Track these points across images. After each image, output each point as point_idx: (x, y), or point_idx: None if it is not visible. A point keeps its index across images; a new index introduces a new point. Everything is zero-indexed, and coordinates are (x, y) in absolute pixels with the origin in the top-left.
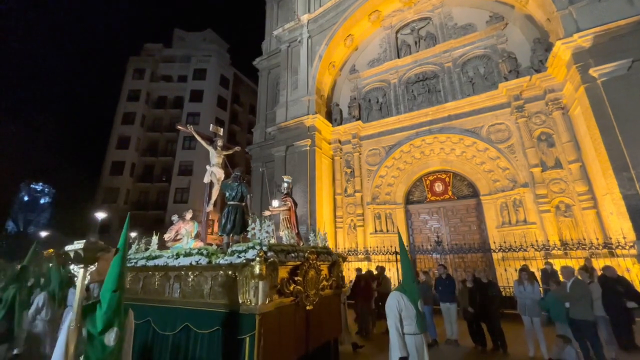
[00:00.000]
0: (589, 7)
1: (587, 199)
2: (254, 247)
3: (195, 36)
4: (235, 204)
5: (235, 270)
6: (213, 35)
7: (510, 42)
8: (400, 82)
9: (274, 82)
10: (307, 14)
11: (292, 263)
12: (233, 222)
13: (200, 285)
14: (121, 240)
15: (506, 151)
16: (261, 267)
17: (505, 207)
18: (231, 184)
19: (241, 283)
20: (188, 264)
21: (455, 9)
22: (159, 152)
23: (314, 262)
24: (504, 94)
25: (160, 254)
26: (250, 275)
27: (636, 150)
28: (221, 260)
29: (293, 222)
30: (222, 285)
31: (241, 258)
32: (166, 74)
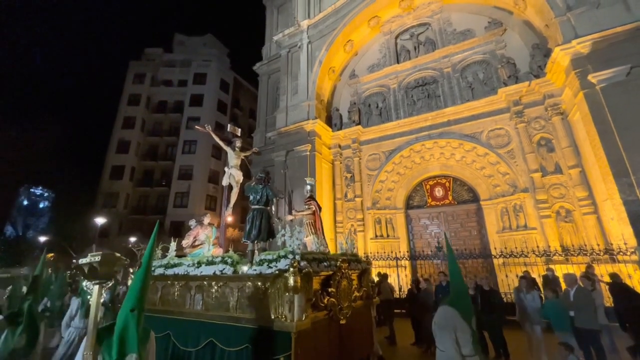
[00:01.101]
0: (587, 14)
1: (587, 205)
2: (286, 256)
3: (195, 41)
4: (260, 207)
5: (266, 281)
6: (213, 40)
7: (509, 47)
8: (399, 87)
9: (274, 87)
10: (307, 20)
11: (324, 273)
12: (259, 227)
13: (225, 297)
14: (147, 252)
15: (506, 156)
16: (296, 279)
17: (505, 212)
18: (255, 186)
19: (273, 296)
20: (211, 274)
21: (454, 15)
22: (159, 157)
23: (346, 271)
24: (503, 99)
25: (180, 262)
26: (284, 288)
27: (636, 155)
28: (249, 269)
29: (318, 226)
30: (250, 298)
31: (272, 268)
32: (166, 78)
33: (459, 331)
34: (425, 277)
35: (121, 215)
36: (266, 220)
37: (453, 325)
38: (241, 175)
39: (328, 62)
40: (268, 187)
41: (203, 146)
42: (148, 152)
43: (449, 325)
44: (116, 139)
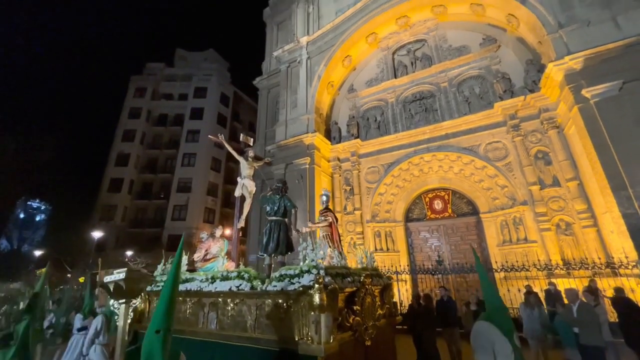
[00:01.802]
0: (579, 31)
1: (586, 217)
2: (309, 270)
3: (196, 56)
4: (277, 219)
5: (288, 299)
6: (214, 55)
7: (504, 63)
8: (397, 101)
9: (274, 101)
10: (306, 36)
11: (348, 289)
12: (277, 240)
13: (242, 315)
14: (172, 267)
15: (504, 169)
16: (322, 296)
17: (505, 225)
18: (271, 196)
19: (296, 315)
20: (227, 290)
21: (450, 32)
22: (158, 169)
23: (370, 287)
24: (500, 113)
25: (192, 277)
26: (309, 306)
27: (633, 169)
28: (268, 286)
29: (335, 238)
30: (270, 317)
31: (295, 284)
32: (167, 92)
33: (497, 348)
34: (426, 291)
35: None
36: (284, 233)
37: (491, 342)
38: (254, 185)
39: (327, 76)
40: (285, 197)
41: (202, 159)
42: (147, 165)
43: (486, 343)
44: (116, 151)
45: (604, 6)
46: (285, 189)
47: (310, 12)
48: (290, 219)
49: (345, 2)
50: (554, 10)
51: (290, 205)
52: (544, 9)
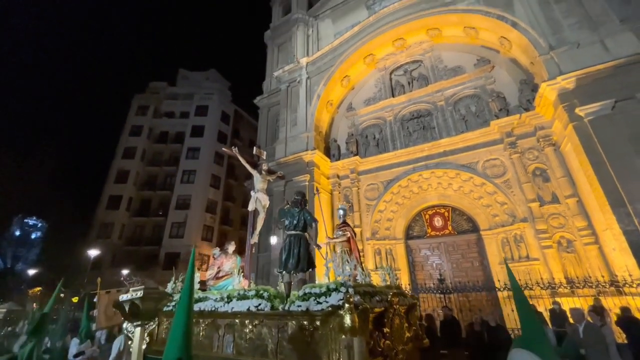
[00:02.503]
0: (569, 53)
1: (587, 234)
2: (337, 289)
3: (198, 75)
4: (297, 233)
5: (314, 320)
6: (216, 74)
7: (498, 82)
8: (395, 120)
9: (274, 119)
10: (305, 57)
11: (377, 309)
12: (297, 256)
13: (261, 338)
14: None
15: (503, 186)
16: (353, 317)
17: (506, 242)
18: (290, 209)
19: (324, 339)
20: (245, 310)
21: (445, 53)
22: (157, 186)
23: (397, 307)
24: (496, 130)
25: (206, 296)
26: (339, 329)
27: (631, 186)
28: (291, 306)
29: (356, 255)
30: (294, 340)
31: (322, 304)
32: (169, 110)
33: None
34: (429, 311)
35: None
36: (305, 248)
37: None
38: (268, 199)
39: (326, 96)
40: (305, 210)
41: (202, 176)
42: (147, 182)
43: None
44: (116, 168)
45: (591, 29)
46: (304, 202)
47: (310, 34)
48: (311, 233)
49: (343, 25)
50: (544, 33)
51: (310, 219)
52: (535, 32)
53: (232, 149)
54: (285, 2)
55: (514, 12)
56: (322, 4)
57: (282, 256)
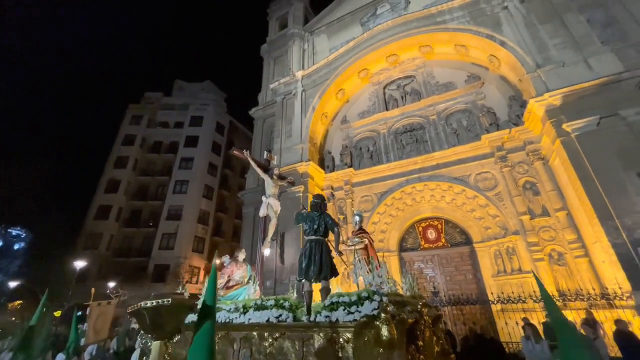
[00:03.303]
0: (555, 71)
1: (578, 247)
2: (369, 297)
3: (194, 86)
4: (318, 239)
5: (345, 332)
6: (212, 86)
7: (488, 98)
8: (389, 133)
9: (269, 131)
10: (301, 71)
11: (410, 320)
12: (319, 263)
13: (283, 353)
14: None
15: (494, 199)
16: (390, 329)
17: (499, 255)
18: (310, 213)
19: (358, 353)
20: (264, 322)
21: (436, 69)
22: (149, 196)
23: (427, 318)
24: (487, 144)
25: (218, 307)
26: (374, 342)
27: (618, 199)
28: (317, 316)
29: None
30: (321, 355)
31: (354, 314)
32: (164, 120)
33: None
34: None
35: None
36: (327, 254)
37: None
38: (279, 205)
39: (321, 108)
40: (326, 214)
41: (195, 186)
42: (138, 192)
43: None
44: (107, 178)
45: (575, 49)
46: (324, 205)
47: (306, 48)
48: (336, 238)
49: (338, 40)
50: (531, 52)
51: (332, 224)
52: (522, 51)
53: (244, 152)
54: (282, 17)
55: (502, 31)
56: (318, 20)
57: (301, 263)
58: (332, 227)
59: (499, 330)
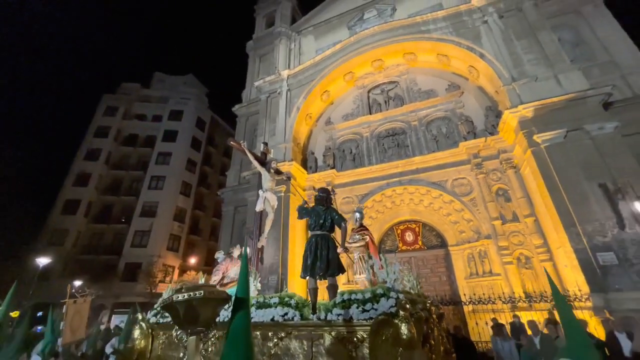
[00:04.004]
0: (528, 85)
1: (543, 252)
2: (385, 294)
3: (175, 79)
4: (323, 234)
5: (359, 331)
6: (194, 80)
7: (467, 107)
8: (372, 136)
9: (252, 129)
10: (287, 70)
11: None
12: (326, 259)
13: (290, 354)
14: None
15: (469, 204)
16: (410, 328)
17: (472, 258)
18: (315, 207)
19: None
20: (268, 321)
21: (419, 77)
22: (122, 191)
23: (434, 316)
24: (464, 152)
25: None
26: (393, 341)
27: (580, 208)
28: (328, 314)
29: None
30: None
31: (369, 312)
32: (141, 112)
33: None
34: None
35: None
36: (334, 250)
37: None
38: (276, 200)
39: (305, 108)
40: (332, 209)
41: (172, 182)
42: (110, 186)
43: None
44: (76, 171)
45: (547, 66)
46: (329, 199)
47: (292, 48)
48: (342, 234)
49: (325, 42)
50: (507, 66)
51: (339, 219)
52: (500, 64)
53: (242, 144)
54: (270, 15)
55: (482, 44)
56: (306, 20)
57: (306, 259)
58: (339, 222)
59: (470, 330)
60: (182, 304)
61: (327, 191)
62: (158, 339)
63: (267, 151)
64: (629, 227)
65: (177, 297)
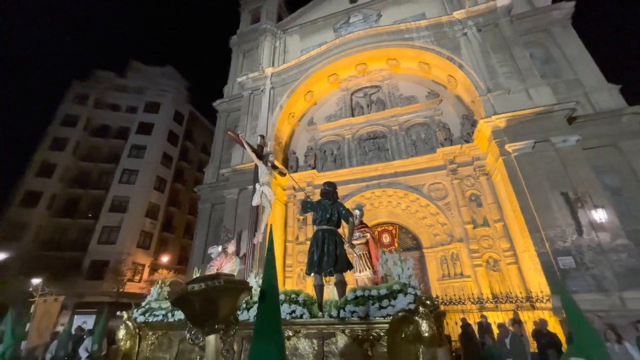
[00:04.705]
0: (502, 97)
1: (510, 255)
2: (402, 290)
3: (153, 70)
4: (330, 229)
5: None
6: (173, 72)
7: (445, 114)
8: (353, 138)
9: (233, 125)
10: (271, 68)
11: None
12: (334, 255)
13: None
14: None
15: (444, 208)
16: (431, 324)
17: (445, 260)
18: (321, 201)
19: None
20: None
21: (401, 83)
22: (90, 184)
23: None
24: (441, 157)
25: None
26: (413, 338)
27: (544, 214)
28: (340, 311)
29: (375, 261)
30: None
31: (386, 308)
32: (114, 102)
33: None
34: None
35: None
36: (341, 245)
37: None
38: (273, 194)
39: (288, 108)
40: (339, 203)
41: (145, 177)
42: (77, 179)
43: None
44: (39, 160)
45: (519, 80)
46: (337, 194)
47: (277, 46)
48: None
49: (310, 43)
50: (483, 77)
51: (346, 214)
52: (476, 75)
53: (240, 135)
54: (255, 10)
55: (461, 55)
56: (292, 19)
57: (312, 254)
58: (347, 217)
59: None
60: (198, 295)
61: (334, 185)
62: (146, 339)
63: (264, 144)
64: (586, 234)
65: (193, 287)
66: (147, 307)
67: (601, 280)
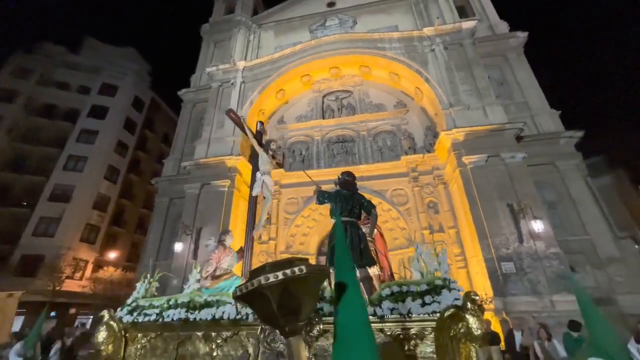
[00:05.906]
0: (461, 112)
1: (460, 260)
2: (444, 286)
3: (111, 50)
4: (351, 220)
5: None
6: (135, 54)
7: (410, 124)
8: (322, 140)
9: (198, 117)
10: (243, 61)
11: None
12: (359, 248)
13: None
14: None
15: (405, 213)
16: (480, 321)
17: (402, 263)
18: (339, 191)
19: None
20: None
21: (371, 90)
22: (27, 169)
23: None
24: (404, 165)
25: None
26: (464, 337)
27: (492, 223)
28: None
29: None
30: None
31: (431, 305)
32: (63, 80)
33: None
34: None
35: None
36: (365, 239)
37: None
38: (272, 184)
39: (259, 104)
40: (359, 194)
41: (95, 165)
42: (10, 162)
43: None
44: None
45: (478, 97)
46: (356, 185)
47: (251, 40)
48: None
49: (285, 41)
50: (447, 92)
51: (368, 205)
52: (441, 90)
53: (241, 118)
54: (230, 0)
55: (428, 70)
56: (268, 14)
57: (333, 249)
58: (369, 209)
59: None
60: (275, 289)
61: (353, 175)
62: (135, 343)
63: (264, 131)
64: (525, 242)
65: (268, 278)
66: (135, 306)
67: (536, 284)
